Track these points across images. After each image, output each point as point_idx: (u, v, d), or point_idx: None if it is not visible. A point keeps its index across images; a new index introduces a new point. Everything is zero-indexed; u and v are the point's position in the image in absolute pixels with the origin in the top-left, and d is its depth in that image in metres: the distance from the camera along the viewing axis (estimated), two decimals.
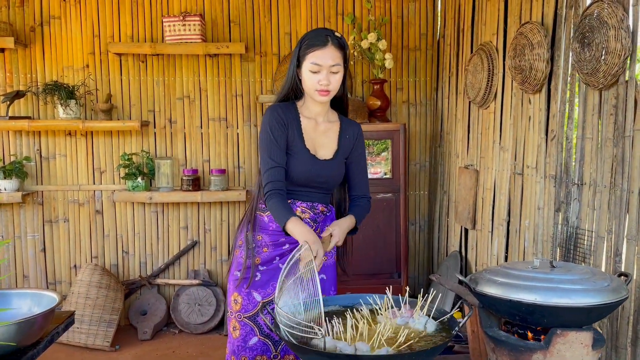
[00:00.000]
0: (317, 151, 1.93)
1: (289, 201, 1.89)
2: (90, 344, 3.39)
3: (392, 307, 1.55)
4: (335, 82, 1.85)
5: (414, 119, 3.90)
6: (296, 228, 1.73)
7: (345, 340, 1.32)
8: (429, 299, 1.52)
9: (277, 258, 1.93)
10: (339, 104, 2.02)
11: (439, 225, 3.80)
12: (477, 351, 1.74)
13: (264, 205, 1.92)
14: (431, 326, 1.45)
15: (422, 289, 1.64)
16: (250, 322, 1.92)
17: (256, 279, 1.92)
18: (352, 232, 1.93)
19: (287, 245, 1.93)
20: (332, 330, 1.37)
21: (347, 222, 1.89)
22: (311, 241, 1.64)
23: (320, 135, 1.95)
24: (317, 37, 1.83)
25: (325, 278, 1.98)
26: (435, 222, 3.84)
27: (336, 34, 1.85)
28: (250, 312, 1.92)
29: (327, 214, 1.99)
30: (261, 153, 1.87)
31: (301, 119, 1.93)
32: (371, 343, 1.29)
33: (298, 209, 1.92)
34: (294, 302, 1.50)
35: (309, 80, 1.84)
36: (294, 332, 1.34)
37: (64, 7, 3.63)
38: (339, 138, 1.97)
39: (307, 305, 1.55)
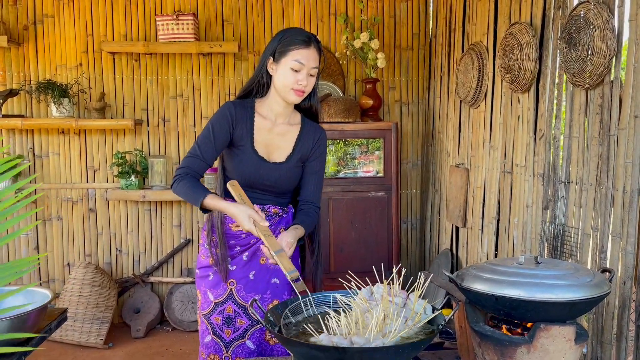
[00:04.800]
0: (270, 153, 1.88)
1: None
2: (84, 341, 3.40)
3: (390, 283, 1.54)
4: (311, 85, 1.83)
5: (406, 118, 3.93)
6: (218, 203, 1.70)
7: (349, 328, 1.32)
8: (425, 284, 1.53)
9: (230, 259, 1.91)
10: (307, 111, 1.96)
11: (430, 224, 3.83)
12: (464, 346, 1.77)
13: None
14: (429, 310, 1.46)
15: (411, 278, 1.66)
16: (205, 320, 1.92)
17: (209, 279, 1.92)
18: (300, 240, 1.84)
19: (237, 248, 1.91)
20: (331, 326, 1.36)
21: (293, 233, 1.76)
22: (239, 212, 1.65)
23: (276, 136, 1.89)
24: (300, 36, 1.80)
25: (277, 282, 1.93)
26: (427, 221, 3.88)
27: (316, 36, 1.85)
28: (205, 311, 1.92)
29: (283, 216, 1.94)
30: (196, 140, 1.85)
31: (256, 118, 1.87)
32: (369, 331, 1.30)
33: None
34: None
35: (287, 77, 1.78)
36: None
37: (57, 5, 3.64)
38: (296, 141, 1.91)
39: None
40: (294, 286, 1.58)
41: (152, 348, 3.42)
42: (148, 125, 3.77)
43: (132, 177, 3.61)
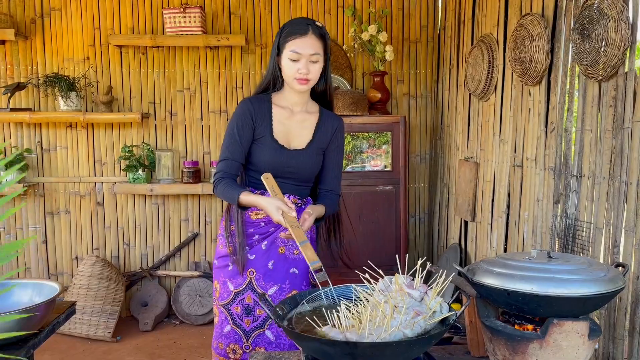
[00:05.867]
0: (291, 141, 1.94)
1: (258, 192, 1.91)
2: (92, 334, 3.41)
3: (405, 276, 1.52)
4: (314, 72, 1.85)
5: (414, 111, 3.90)
6: (250, 198, 1.79)
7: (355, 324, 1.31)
8: (446, 282, 1.50)
9: (248, 248, 1.93)
10: (322, 97, 2.01)
11: (439, 218, 3.80)
12: (475, 341, 1.75)
13: None
14: (445, 308, 1.44)
15: (422, 265, 1.64)
16: (225, 310, 1.94)
17: (229, 269, 1.94)
18: (316, 221, 1.91)
19: (256, 236, 1.94)
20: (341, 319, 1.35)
21: (317, 209, 1.88)
22: (268, 204, 1.73)
23: (296, 125, 1.95)
24: (298, 26, 1.84)
25: (296, 272, 1.95)
26: (435, 215, 3.85)
27: (317, 23, 1.86)
28: (225, 301, 1.94)
29: (302, 207, 1.96)
30: (223, 143, 1.92)
31: (274, 109, 1.93)
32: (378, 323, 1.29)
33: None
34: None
35: (289, 68, 1.84)
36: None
37: None
38: (315, 129, 1.96)
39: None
40: (315, 277, 1.59)
41: (159, 341, 3.42)
42: (155, 119, 3.76)
43: (140, 171, 3.60)
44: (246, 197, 1.79)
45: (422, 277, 1.52)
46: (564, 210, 2.21)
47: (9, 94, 3.46)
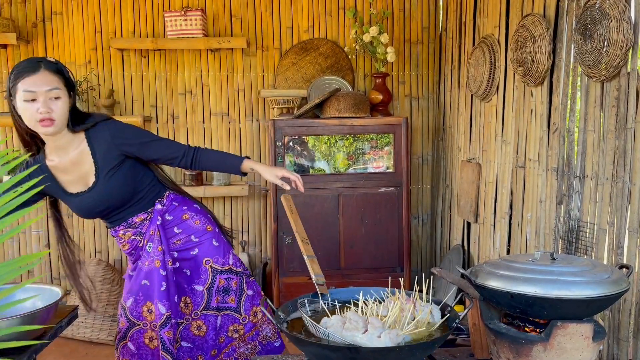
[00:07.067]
0: (84, 183, 1.86)
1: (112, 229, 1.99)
2: (95, 338, 3.41)
3: (401, 292, 1.55)
4: (57, 109, 1.70)
5: (416, 112, 3.89)
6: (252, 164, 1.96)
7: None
8: (429, 286, 1.52)
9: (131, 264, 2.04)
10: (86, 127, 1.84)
11: (441, 219, 3.80)
12: (478, 344, 1.74)
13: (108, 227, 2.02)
14: (437, 313, 1.44)
15: (416, 277, 1.66)
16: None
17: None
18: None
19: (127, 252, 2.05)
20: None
21: (252, 163, 1.96)
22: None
23: (75, 169, 1.84)
24: (27, 65, 1.70)
25: (148, 284, 1.90)
26: (438, 216, 3.84)
27: (49, 59, 1.75)
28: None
29: (151, 217, 1.93)
30: None
31: (49, 165, 1.83)
32: (384, 322, 1.30)
33: (120, 232, 1.96)
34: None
35: (27, 111, 1.68)
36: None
37: (65, 2, 3.64)
38: (93, 156, 1.83)
39: None
40: (317, 288, 1.60)
41: None
42: (157, 122, 3.76)
43: None
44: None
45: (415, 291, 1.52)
46: (567, 211, 2.20)
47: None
